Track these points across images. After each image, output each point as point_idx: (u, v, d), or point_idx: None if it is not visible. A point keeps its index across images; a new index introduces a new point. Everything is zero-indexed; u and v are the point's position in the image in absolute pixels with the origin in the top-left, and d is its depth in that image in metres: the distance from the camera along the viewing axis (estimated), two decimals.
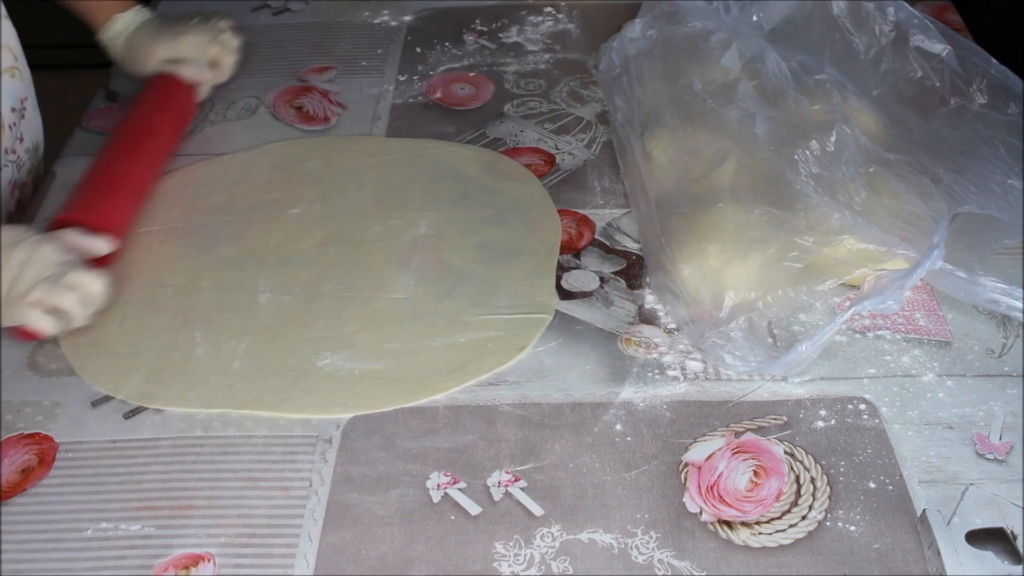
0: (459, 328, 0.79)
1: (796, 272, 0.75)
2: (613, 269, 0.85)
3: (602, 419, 0.73)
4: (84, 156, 1.00)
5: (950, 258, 0.74)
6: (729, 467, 0.69)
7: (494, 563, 0.64)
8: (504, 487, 0.68)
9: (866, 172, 0.80)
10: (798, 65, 0.90)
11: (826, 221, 0.76)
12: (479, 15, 1.21)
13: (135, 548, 0.65)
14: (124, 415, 0.74)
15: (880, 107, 0.90)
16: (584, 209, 0.92)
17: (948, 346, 0.77)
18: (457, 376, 0.75)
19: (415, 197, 0.93)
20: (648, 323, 0.80)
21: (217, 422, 0.73)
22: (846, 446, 0.70)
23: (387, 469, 0.70)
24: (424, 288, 0.83)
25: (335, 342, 0.79)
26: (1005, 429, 0.71)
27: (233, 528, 0.66)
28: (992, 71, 0.91)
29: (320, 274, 0.85)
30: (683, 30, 0.97)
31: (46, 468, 0.70)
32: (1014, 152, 0.83)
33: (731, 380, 0.75)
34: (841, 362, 0.76)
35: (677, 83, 0.93)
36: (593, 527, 0.66)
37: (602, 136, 1.01)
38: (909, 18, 0.94)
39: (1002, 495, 0.66)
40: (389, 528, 0.66)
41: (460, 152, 0.99)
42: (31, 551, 0.65)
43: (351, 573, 0.64)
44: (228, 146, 1.01)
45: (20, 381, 0.77)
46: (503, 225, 0.90)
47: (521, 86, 1.09)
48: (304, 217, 0.91)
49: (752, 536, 0.65)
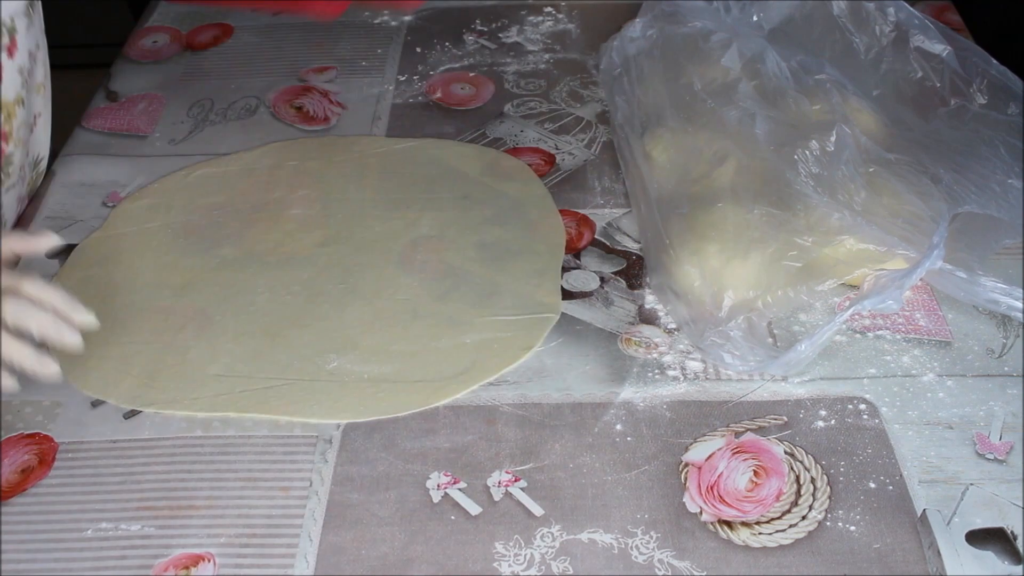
0: (464, 328, 0.79)
1: (796, 272, 0.75)
2: (613, 269, 0.85)
3: (602, 419, 0.73)
4: (84, 156, 1.00)
5: (950, 258, 0.74)
6: (729, 467, 0.69)
7: (494, 563, 0.64)
8: (504, 487, 0.68)
9: (866, 172, 0.80)
10: (798, 65, 0.90)
11: (826, 221, 0.76)
12: (479, 15, 1.21)
13: (135, 548, 0.65)
14: (124, 415, 0.74)
15: (880, 107, 0.90)
16: (584, 209, 0.92)
17: (948, 346, 0.77)
18: (465, 378, 0.75)
19: (415, 197, 0.93)
20: (648, 323, 0.80)
21: (217, 422, 0.73)
22: (846, 446, 0.70)
23: (387, 469, 0.70)
24: (426, 288, 0.83)
25: (338, 343, 0.78)
26: (1005, 429, 0.71)
27: (233, 528, 0.66)
28: (992, 71, 0.91)
29: (320, 274, 0.85)
30: (683, 30, 0.97)
31: (46, 468, 0.70)
32: (1014, 152, 0.83)
33: (731, 380, 0.75)
34: (841, 362, 0.76)
35: (677, 83, 0.93)
36: (593, 527, 0.66)
37: (602, 136, 1.01)
38: (909, 18, 0.94)
39: (1002, 495, 0.66)
40: (389, 528, 0.66)
41: (460, 152, 0.99)
42: (31, 551, 0.65)
43: (351, 573, 0.64)
44: (228, 146, 1.01)
45: (20, 381, 0.76)
46: (504, 225, 0.90)
47: (521, 86, 1.09)
48: (304, 217, 0.91)
49: (752, 536, 0.65)
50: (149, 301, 0.83)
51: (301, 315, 0.81)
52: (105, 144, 1.02)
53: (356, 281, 0.84)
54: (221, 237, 0.89)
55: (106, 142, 1.02)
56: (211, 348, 0.78)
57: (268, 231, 0.90)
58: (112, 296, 0.83)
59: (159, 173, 0.97)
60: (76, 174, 0.98)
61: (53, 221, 0.92)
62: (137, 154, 1.00)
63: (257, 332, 0.80)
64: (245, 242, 0.89)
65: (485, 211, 0.91)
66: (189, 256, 0.87)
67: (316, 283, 0.84)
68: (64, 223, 0.92)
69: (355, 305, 0.82)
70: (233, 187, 0.95)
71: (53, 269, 0.87)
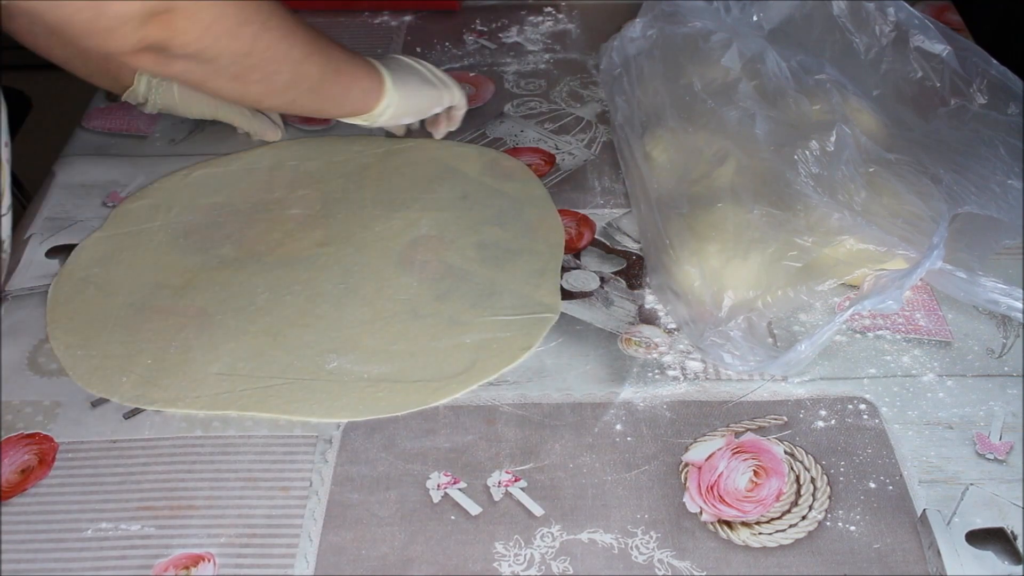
0: (463, 328, 0.79)
1: (796, 272, 0.75)
2: (613, 269, 0.85)
3: (602, 419, 0.73)
4: (84, 156, 1.00)
5: (950, 258, 0.74)
6: (729, 467, 0.69)
7: (494, 563, 0.64)
8: (504, 487, 0.68)
9: (866, 172, 0.80)
10: (798, 65, 0.90)
11: (826, 221, 0.76)
12: (479, 15, 1.21)
13: (135, 548, 0.65)
14: (124, 415, 0.74)
15: (880, 107, 0.90)
16: (584, 209, 0.92)
17: (948, 346, 0.77)
18: (465, 378, 0.75)
19: (415, 197, 0.93)
20: (648, 323, 0.80)
21: (217, 422, 0.73)
22: (846, 446, 0.70)
23: (387, 469, 0.70)
24: (426, 288, 0.83)
25: (338, 343, 0.78)
26: (1005, 429, 0.71)
27: (233, 528, 0.66)
28: (992, 71, 0.91)
29: (320, 274, 0.85)
30: (683, 30, 0.97)
31: (46, 468, 0.70)
32: (1014, 152, 0.83)
33: (731, 380, 0.75)
34: (841, 362, 0.76)
35: (677, 83, 0.93)
36: (593, 527, 0.66)
37: (602, 136, 1.01)
38: (909, 18, 0.94)
39: (1002, 495, 0.66)
40: (389, 528, 0.66)
41: (460, 152, 0.99)
42: (31, 551, 0.65)
43: (351, 573, 0.64)
44: (228, 146, 1.01)
45: (20, 381, 0.77)
46: (504, 225, 0.90)
47: (521, 86, 1.09)
48: (304, 217, 0.91)
49: (752, 536, 0.65)
50: (149, 301, 0.83)
51: (301, 315, 0.81)
52: (105, 144, 1.02)
53: (356, 281, 0.84)
54: (221, 237, 0.89)
55: (106, 142, 1.02)
56: (212, 347, 0.78)
57: (268, 231, 0.90)
58: (112, 296, 0.83)
59: (159, 173, 0.97)
60: (76, 174, 0.98)
61: (53, 221, 0.92)
62: (137, 154, 1.00)
63: (257, 332, 0.80)
64: (245, 242, 0.89)
65: (485, 211, 0.91)
66: (189, 256, 0.87)
67: (316, 283, 0.84)
68: (64, 223, 0.92)
69: (355, 305, 0.82)
70: (233, 187, 0.95)
71: (53, 269, 0.87)
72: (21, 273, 0.86)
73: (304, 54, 0.76)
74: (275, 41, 0.72)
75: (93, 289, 0.84)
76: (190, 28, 0.66)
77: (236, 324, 0.80)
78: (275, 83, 0.76)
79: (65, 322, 0.81)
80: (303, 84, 0.78)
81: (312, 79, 0.78)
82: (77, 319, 0.81)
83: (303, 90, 0.79)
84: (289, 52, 0.74)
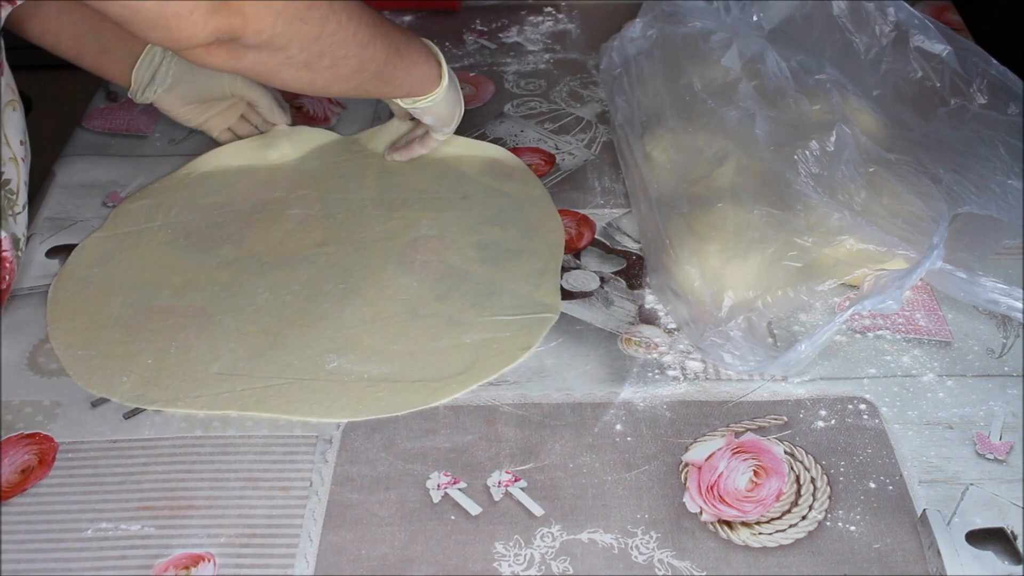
0: (463, 328, 0.79)
1: (796, 272, 0.75)
2: (613, 269, 0.85)
3: (602, 419, 0.73)
4: (84, 156, 1.00)
5: (950, 258, 0.74)
6: (729, 467, 0.69)
7: (494, 563, 0.64)
8: (504, 487, 0.68)
9: (866, 172, 0.80)
10: (798, 65, 0.90)
11: (826, 221, 0.77)
12: (479, 15, 1.21)
13: (135, 548, 0.65)
14: (124, 415, 0.74)
15: (880, 107, 0.90)
16: (584, 209, 0.92)
17: (948, 346, 0.77)
18: (465, 378, 0.75)
19: (415, 197, 0.93)
20: (648, 323, 0.80)
21: (217, 422, 0.73)
22: (846, 446, 0.70)
23: (387, 469, 0.70)
24: (426, 288, 0.83)
25: (338, 343, 0.78)
26: (1005, 429, 0.71)
27: (233, 528, 0.66)
28: (992, 71, 0.91)
29: (320, 274, 0.85)
30: (683, 30, 0.97)
31: (46, 468, 0.70)
32: (1014, 152, 0.83)
33: (731, 380, 0.75)
34: (841, 362, 0.76)
35: (677, 83, 0.93)
36: (593, 527, 0.66)
37: (602, 136, 1.01)
38: (909, 18, 0.94)
39: (1002, 495, 0.66)
40: (389, 528, 0.66)
41: (460, 151, 0.99)
42: (31, 551, 0.65)
43: (351, 573, 0.64)
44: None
45: (20, 381, 0.77)
46: (504, 225, 0.90)
47: (521, 86, 1.09)
48: (304, 217, 0.91)
49: (752, 536, 0.65)
50: (149, 301, 0.83)
51: (301, 315, 0.81)
52: (105, 144, 1.02)
53: (356, 281, 0.84)
54: (221, 237, 0.89)
55: (106, 142, 1.02)
56: (212, 347, 0.78)
57: (268, 231, 0.90)
58: (112, 296, 0.83)
59: (159, 173, 0.97)
60: (76, 174, 0.98)
61: (53, 221, 0.92)
62: (137, 154, 1.00)
63: (257, 332, 0.80)
64: (245, 242, 0.89)
65: (485, 211, 0.91)
66: (189, 256, 0.87)
67: (316, 283, 0.84)
68: (64, 223, 0.92)
69: (355, 305, 0.82)
70: (233, 187, 0.95)
71: (53, 269, 0.87)
72: (21, 273, 0.86)
73: (369, 36, 0.75)
74: (343, 24, 0.71)
75: (93, 289, 0.84)
76: (263, 13, 0.65)
77: (236, 324, 0.80)
78: (343, 68, 0.75)
79: (65, 322, 0.81)
80: (369, 67, 0.77)
81: (378, 62, 0.78)
82: (77, 319, 0.81)
83: (369, 75, 0.78)
84: (356, 34, 0.73)
